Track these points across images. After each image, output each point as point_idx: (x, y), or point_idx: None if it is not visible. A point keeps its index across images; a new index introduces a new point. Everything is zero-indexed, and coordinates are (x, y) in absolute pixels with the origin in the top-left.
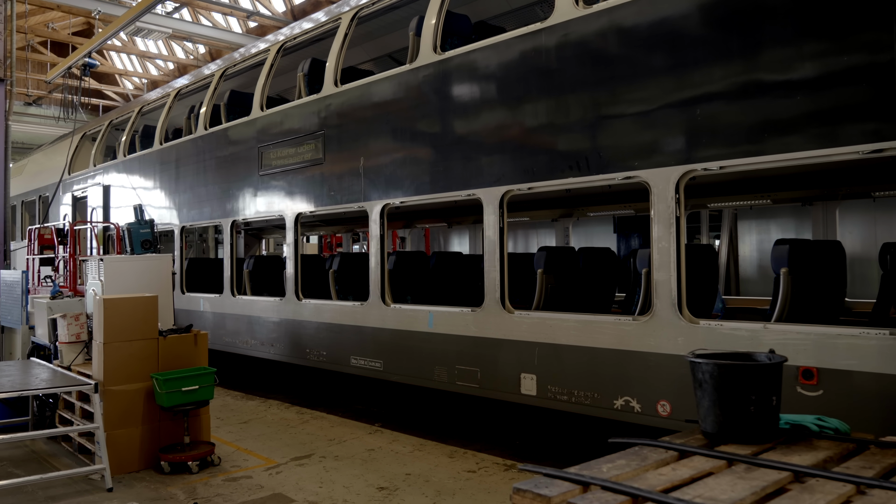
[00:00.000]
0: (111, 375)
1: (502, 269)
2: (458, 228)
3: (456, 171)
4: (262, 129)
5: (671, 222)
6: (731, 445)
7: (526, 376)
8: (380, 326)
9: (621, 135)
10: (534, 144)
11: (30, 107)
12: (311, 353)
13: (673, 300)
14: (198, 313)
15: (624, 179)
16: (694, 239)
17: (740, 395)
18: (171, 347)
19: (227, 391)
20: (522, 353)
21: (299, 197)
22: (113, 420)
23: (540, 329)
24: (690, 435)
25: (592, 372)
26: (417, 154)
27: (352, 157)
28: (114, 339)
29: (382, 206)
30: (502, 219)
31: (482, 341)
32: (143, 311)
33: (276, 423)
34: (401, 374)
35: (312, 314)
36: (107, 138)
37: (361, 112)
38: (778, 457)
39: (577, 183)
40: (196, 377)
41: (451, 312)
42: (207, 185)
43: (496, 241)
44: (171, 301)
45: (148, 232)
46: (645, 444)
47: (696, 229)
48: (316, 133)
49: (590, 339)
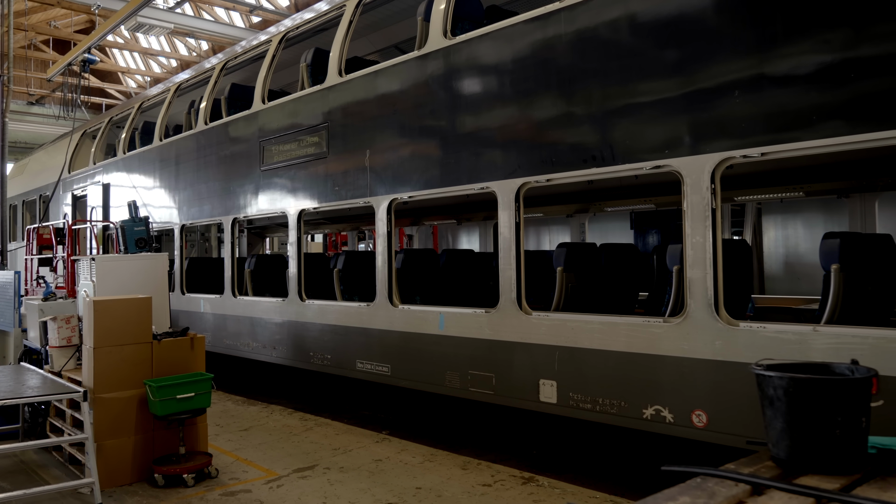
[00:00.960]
0: (101, 382)
1: (519, 268)
2: (468, 226)
3: (468, 162)
4: (264, 123)
5: (706, 215)
6: (812, 476)
7: (545, 382)
8: (387, 329)
9: (650, 121)
10: (552, 133)
11: (33, 106)
12: (314, 357)
13: (709, 300)
14: (198, 315)
15: (652, 169)
16: None
17: (823, 416)
18: (165, 352)
19: (228, 396)
20: (541, 357)
21: (302, 193)
22: (103, 430)
23: (560, 332)
24: (759, 462)
25: (619, 378)
26: (426, 146)
27: (357, 151)
28: (104, 343)
29: (389, 201)
30: (518, 213)
31: (497, 345)
32: (136, 313)
33: (279, 430)
34: (410, 380)
35: (316, 316)
36: (107, 136)
37: (367, 103)
38: (876, 493)
39: (601, 174)
40: (192, 384)
41: (463, 314)
42: (208, 181)
43: (512, 238)
44: (166, 302)
45: (142, 230)
46: (708, 475)
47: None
48: (319, 126)
49: (616, 343)
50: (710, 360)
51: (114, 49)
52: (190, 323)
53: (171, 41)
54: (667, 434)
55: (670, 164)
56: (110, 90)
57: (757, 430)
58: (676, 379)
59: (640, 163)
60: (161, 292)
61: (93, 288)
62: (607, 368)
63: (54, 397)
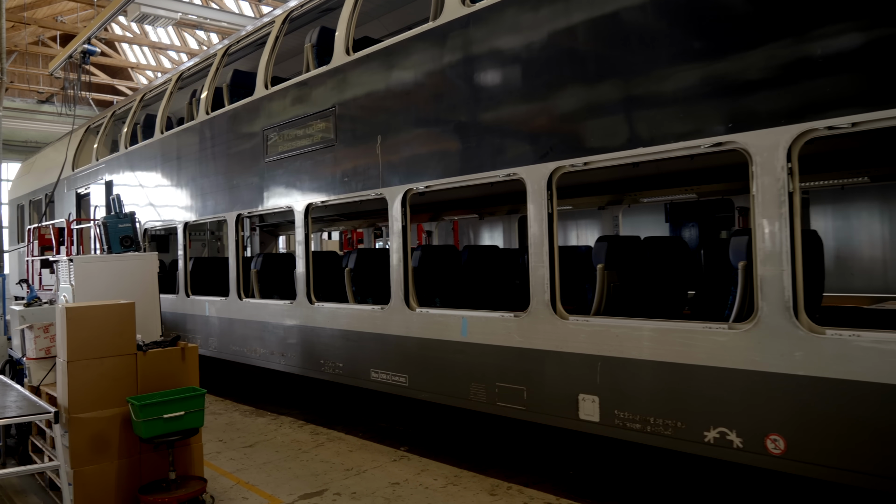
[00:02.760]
0: (78, 400)
1: (552, 266)
2: (491, 221)
3: (492, 146)
4: (268, 110)
5: (781, 200)
6: None
7: (586, 398)
8: (404, 335)
9: (711, 88)
10: (590, 109)
11: (42, 104)
12: (325, 365)
13: (786, 303)
14: (203, 318)
15: (713, 147)
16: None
17: None
18: (152, 364)
19: (236, 405)
20: (580, 368)
21: (309, 185)
22: (82, 454)
23: (603, 339)
24: None
25: (675, 395)
26: (444, 129)
27: (367, 137)
28: (80, 355)
29: (404, 192)
30: (551, 203)
31: (529, 353)
32: (117, 321)
33: (287, 446)
34: (430, 392)
35: (327, 320)
36: (110, 131)
37: (378, 83)
38: None
39: (649, 154)
40: (182, 401)
41: (488, 318)
42: (210, 175)
43: (543, 232)
44: (156, 308)
45: (128, 227)
46: None
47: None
48: (326, 111)
49: (670, 353)
50: (788, 375)
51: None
52: (195, 328)
53: (180, 35)
54: (733, 461)
55: (735, 141)
56: (120, 87)
57: (849, 459)
58: (746, 397)
59: (696, 140)
60: (150, 297)
61: (72, 293)
62: (660, 383)
63: (19, 419)
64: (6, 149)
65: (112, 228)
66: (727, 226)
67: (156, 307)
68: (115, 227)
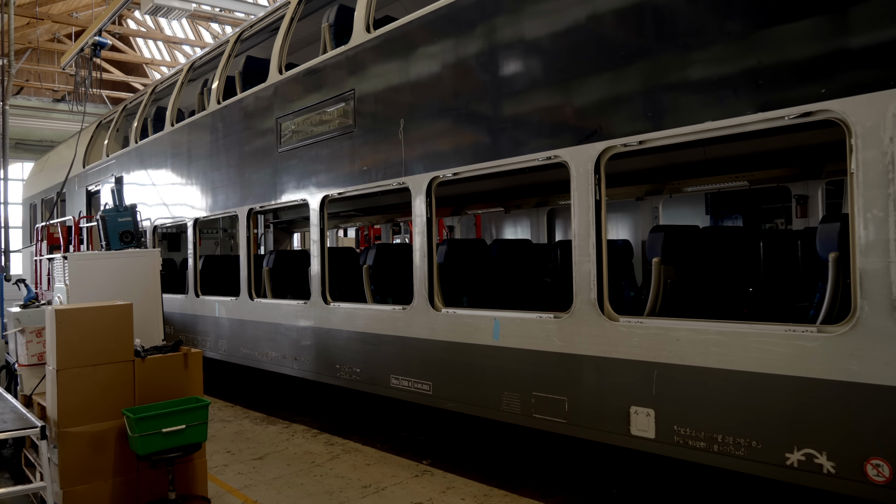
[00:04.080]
0: (69, 413)
1: (600, 260)
2: (516, 215)
3: (530, 125)
4: (282, 97)
5: (890, 178)
6: None
7: (639, 411)
8: (427, 338)
9: (796, 48)
10: (649, 77)
11: (58, 103)
12: (341, 370)
13: (893, 301)
14: (213, 320)
15: (799, 117)
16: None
17: None
18: (152, 372)
19: (246, 412)
20: (633, 377)
21: (325, 176)
22: (72, 472)
23: (660, 344)
24: None
25: (750, 409)
26: (476, 108)
27: (389, 121)
28: (71, 363)
29: (430, 180)
30: (599, 189)
31: (571, 360)
32: (112, 324)
33: (299, 459)
34: (456, 402)
35: (343, 321)
36: (122, 126)
37: (400, 61)
38: None
39: (719, 129)
40: (182, 413)
41: (524, 320)
42: (221, 169)
43: (590, 221)
44: (159, 309)
45: (128, 221)
46: None
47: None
48: (344, 94)
49: (744, 360)
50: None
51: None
52: (205, 329)
53: (195, 28)
54: (823, 489)
55: (831, 110)
56: (136, 84)
57: None
58: (841, 413)
59: (778, 110)
60: (152, 297)
61: (66, 293)
62: (731, 395)
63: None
64: (21, 148)
65: (111, 223)
66: (777, 216)
67: (158, 308)
68: (114, 221)
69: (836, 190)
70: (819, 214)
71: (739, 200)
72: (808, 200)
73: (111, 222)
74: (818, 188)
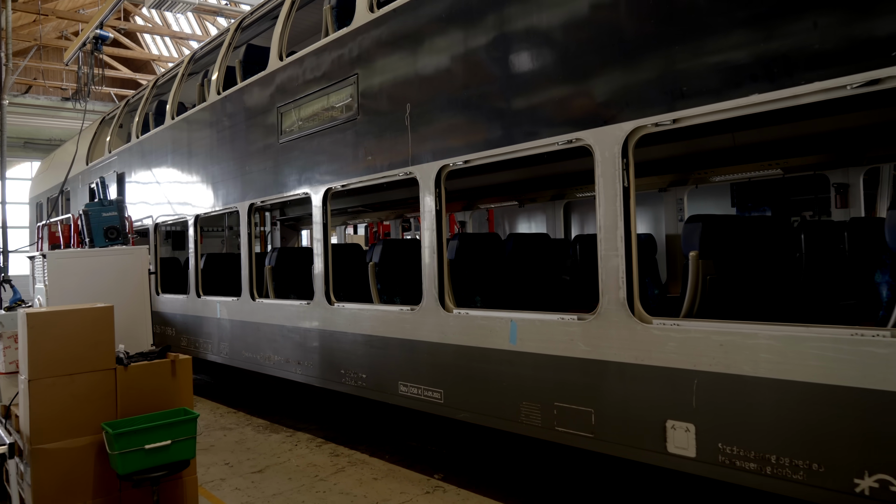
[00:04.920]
0: (43, 427)
1: (629, 255)
2: (530, 209)
3: (547, 106)
4: (282, 85)
5: None
6: None
7: (676, 426)
8: (438, 341)
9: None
10: (685, 45)
11: (67, 101)
12: (346, 376)
13: None
14: (214, 321)
15: (864, 86)
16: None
17: None
18: (135, 381)
19: (249, 418)
20: (669, 387)
21: (328, 167)
22: (47, 494)
23: (702, 349)
24: None
25: (810, 427)
26: (488, 88)
27: (394, 106)
28: (45, 372)
29: (438, 169)
30: (627, 174)
31: (598, 367)
32: (91, 329)
33: (301, 472)
34: (470, 412)
35: (348, 323)
36: (124, 122)
37: (406, 41)
38: None
39: (766, 102)
40: (167, 427)
41: (544, 322)
42: (221, 162)
43: (618, 211)
44: (146, 311)
45: (113, 216)
46: None
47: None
48: (347, 79)
49: (801, 369)
50: None
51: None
52: (207, 331)
53: (201, 23)
54: None
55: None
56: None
57: None
58: None
59: (838, 78)
60: (139, 298)
61: (45, 295)
62: (787, 410)
63: None
64: (30, 147)
65: (94, 218)
66: (809, 208)
67: (146, 311)
68: (98, 216)
69: (870, 179)
70: (861, 204)
71: (767, 191)
72: (848, 189)
73: (95, 217)
74: (859, 176)
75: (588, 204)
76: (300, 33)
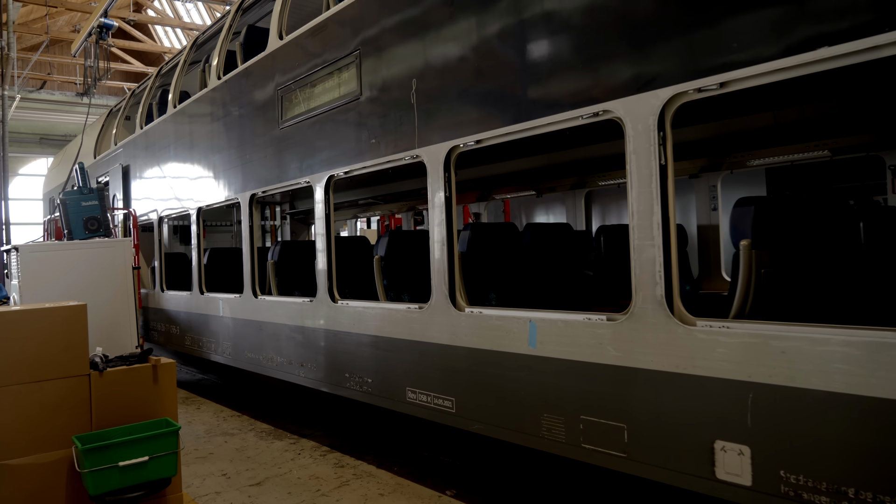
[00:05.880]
0: (7, 441)
1: (667, 245)
2: (548, 200)
3: (572, 73)
4: (282, 66)
5: None
6: None
7: (727, 447)
8: (448, 343)
9: None
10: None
11: (83, 96)
12: (350, 380)
13: None
14: (216, 319)
15: None
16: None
17: None
18: (113, 388)
19: (253, 423)
20: (718, 401)
21: (330, 152)
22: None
23: (758, 357)
24: None
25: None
26: (502, 56)
27: (399, 82)
28: (9, 378)
29: (447, 151)
30: (663, 151)
31: (631, 376)
32: (63, 330)
33: (303, 486)
34: (485, 423)
35: (352, 322)
36: (131, 113)
37: (411, 9)
38: None
39: (838, 57)
40: (145, 441)
41: (568, 322)
42: (222, 151)
43: (653, 193)
44: (131, 310)
45: (94, 205)
46: None
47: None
48: (349, 56)
49: (885, 383)
50: None
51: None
52: (208, 330)
53: (212, 14)
54: None
55: None
56: None
57: None
58: None
59: None
60: (122, 295)
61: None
62: (869, 434)
63: None
64: (46, 143)
65: (72, 207)
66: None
67: (130, 309)
68: (76, 205)
69: None
70: None
71: (807, 176)
72: None
73: (73, 207)
74: None
75: (611, 193)
76: (304, 15)
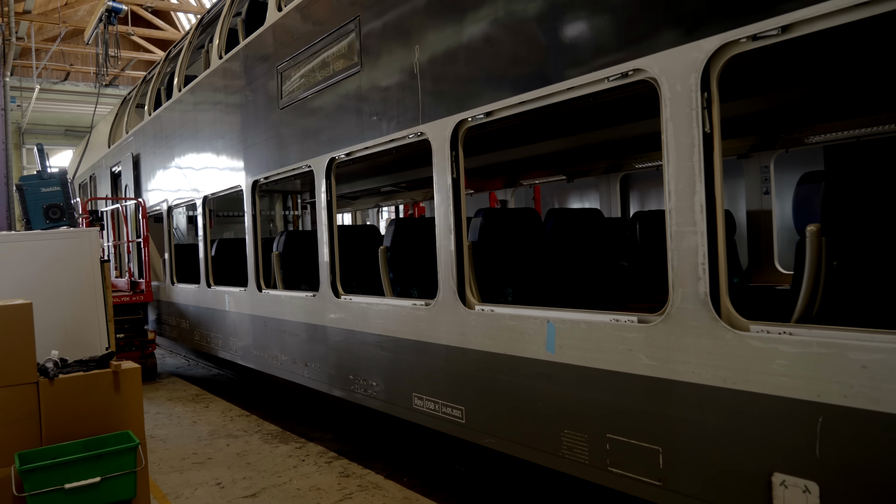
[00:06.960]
0: None
1: (713, 232)
2: (581, 185)
3: (598, 27)
4: (281, 40)
5: None
6: None
7: (788, 482)
8: (457, 345)
9: None
10: None
11: (107, 87)
12: (355, 383)
13: None
14: (222, 314)
15: None
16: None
17: None
18: (66, 398)
19: (261, 423)
20: (776, 425)
21: (330, 131)
22: None
23: (830, 371)
24: None
25: None
26: (519, 14)
27: (401, 51)
28: None
29: (454, 126)
30: (709, 113)
31: (669, 389)
32: (4, 332)
33: (301, 498)
34: (497, 437)
35: (356, 319)
36: (142, 99)
37: None
38: None
39: None
40: (96, 459)
41: (592, 324)
42: (225, 136)
43: (695, 169)
44: (100, 308)
45: (56, 191)
46: None
47: None
48: (348, 24)
49: None
50: None
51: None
52: (214, 325)
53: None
54: None
55: None
56: None
57: None
58: None
59: None
60: (89, 291)
61: None
62: None
63: None
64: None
65: (31, 194)
66: None
67: (98, 307)
68: (35, 191)
69: None
70: None
71: (873, 155)
72: None
73: (31, 193)
74: None
75: (650, 177)
76: None
